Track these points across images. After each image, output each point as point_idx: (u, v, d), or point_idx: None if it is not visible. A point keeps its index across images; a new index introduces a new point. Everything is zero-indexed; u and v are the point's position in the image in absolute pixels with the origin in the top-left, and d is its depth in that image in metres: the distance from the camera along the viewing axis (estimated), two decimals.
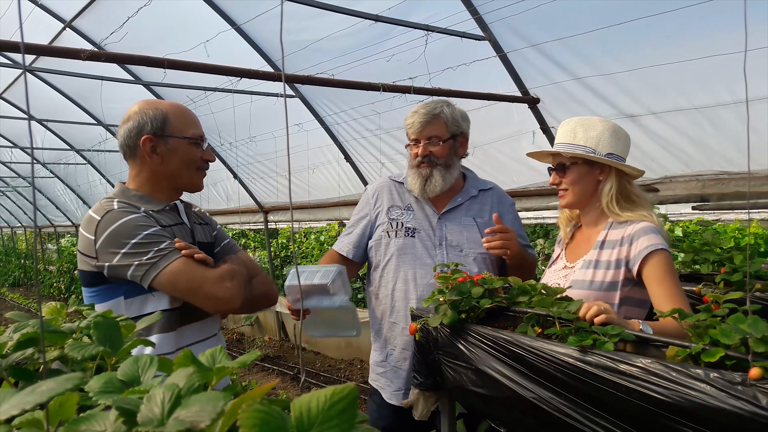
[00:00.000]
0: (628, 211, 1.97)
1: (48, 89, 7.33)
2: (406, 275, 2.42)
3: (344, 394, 0.53)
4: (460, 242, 2.43)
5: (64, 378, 0.52)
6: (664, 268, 1.82)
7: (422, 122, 2.41)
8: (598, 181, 2.02)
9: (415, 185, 2.45)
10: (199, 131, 1.90)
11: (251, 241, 11.95)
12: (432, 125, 2.42)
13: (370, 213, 2.57)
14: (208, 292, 1.70)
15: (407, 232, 2.46)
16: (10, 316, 1.03)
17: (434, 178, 2.42)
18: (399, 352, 2.44)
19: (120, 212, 1.73)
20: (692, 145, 3.63)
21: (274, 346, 8.09)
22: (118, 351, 0.81)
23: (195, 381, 0.54)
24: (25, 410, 0.46)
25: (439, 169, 2.42)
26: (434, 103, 2.46)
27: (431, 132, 2.42)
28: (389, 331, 2.47)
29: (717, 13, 2.97)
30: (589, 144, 1.99)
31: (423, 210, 2.50)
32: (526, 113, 4.25)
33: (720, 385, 1.12)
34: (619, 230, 1.95)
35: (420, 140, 2.43)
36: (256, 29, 4.84)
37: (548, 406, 1.42)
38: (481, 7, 3.74)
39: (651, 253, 1.82)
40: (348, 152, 5.87)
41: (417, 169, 2.45)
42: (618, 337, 1.38)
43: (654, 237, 1.85)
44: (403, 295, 2.42)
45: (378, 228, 2.53)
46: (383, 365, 2.51)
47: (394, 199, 2.56)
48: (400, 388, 2.42)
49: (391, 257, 2.46)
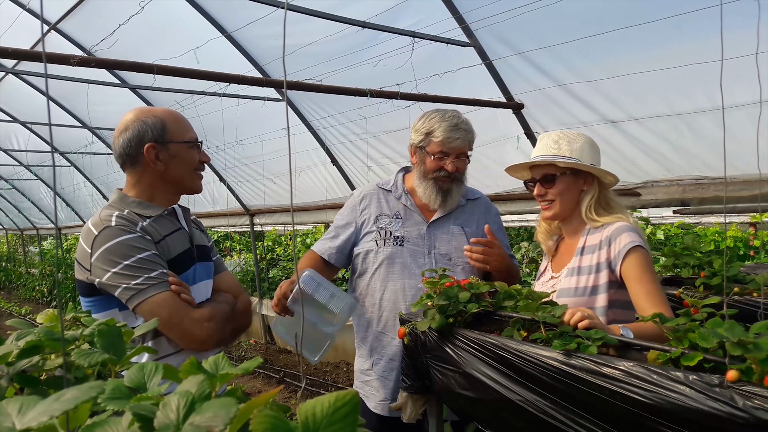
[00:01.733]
0: (605, 215, 2.05)
1: (32, 91, 7.29)
2: (395, 286, 2.41)
3: (347, 399, 0.57)
4: (449, 251, 2.42)
5: (87, 386, 0.55)
6: (642, 266, 1.87)
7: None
8: (582, 190, 2.10)
9: (433, 198, 2.41)
10: (195, 134, 1.94)
11: (236, 244, 11.93)
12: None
13: (356, 220, 2.54)
14: (187, 329, 1.73)
15: (396, 241, 2.44)
16: (11, 323, 1.05)
17: (453, 192, 2.41)
18: (386, 362, 2.43)
19: (117, 230, 1.74)
20: (673, 150, 3.71)
21: (260, 349, 8.08)
22: (121, 358, 0.84)
23: (206, 388, 0.57)
24: (53, 417, 0.49)
25: (457, 183, 2.42)
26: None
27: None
28: (376, 341, 2.46)
29: (696, 22, 3.04)
30: (574, 155, 2.05)
31: (412, 218, 2.48)
32: (511, 119, 4.31)
33: (699, 387, 1.16)
34: (597, 234, 2.01)
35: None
36: (244, 34, 4.86)
37: (534, 409, 1.46)
38: (466, 15, 3.80)
39: (629, 251, 1.88)
40: (335, 156, 5.90)
41: (435, 182, 2.40)
42: (601, 341, 1.42)
43: (631, 234, 1.92)
44: (392, 306, 2.41)
45: (365, 236, 2.50)
46: (368, 374, 2.50)
47: (382, 207, 2.53)
48: (387, 398, 2.41)
49: (379, 266, 2.44)
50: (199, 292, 1.91)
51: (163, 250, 1.82)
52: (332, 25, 3.99)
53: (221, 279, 2.08)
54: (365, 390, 2.50)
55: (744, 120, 3.15)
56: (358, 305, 2.02)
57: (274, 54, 4.96)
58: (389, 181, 2.61)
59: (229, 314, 1.89)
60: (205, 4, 4.69)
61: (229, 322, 1.89)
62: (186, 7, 4.65)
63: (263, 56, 5.08)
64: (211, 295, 1.98)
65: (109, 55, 4.85)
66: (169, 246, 1.85)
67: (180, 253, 1.89)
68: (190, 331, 1.73)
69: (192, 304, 1.78)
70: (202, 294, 1.93)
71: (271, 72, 5.21)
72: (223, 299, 1.95)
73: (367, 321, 2.49)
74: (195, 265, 1.93)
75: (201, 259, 1.98)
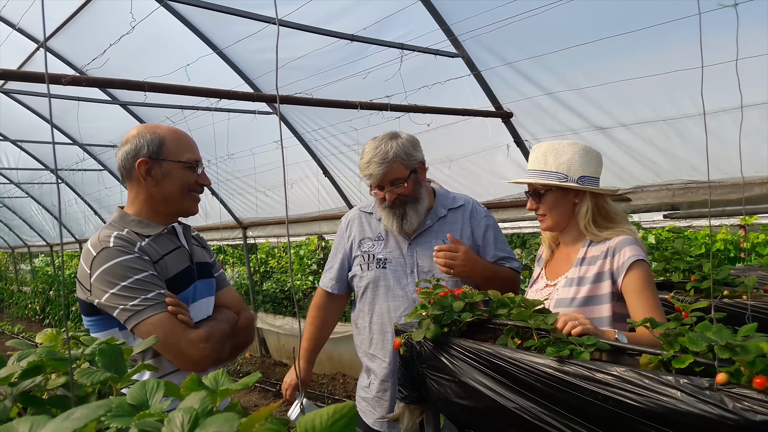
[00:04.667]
0: (606, 229, 2.02)
1: (22, 110, 7.28)
2: (381, 309, 2.46)
3: (344, 411, 0.59)
4: (431, 266, 2.42)
5: (95, 405, 0.57)
6: (643, 281, 1.87)
7: (381, 172, 2.34)
8: (574, 203, 2.06)
9: (392, 225, 2.44)
10: (195, 156, 1.93)
11: (229, 257, 11.90)
12: (392, 170, 2.35)
13: (345, 246, 2.61)
14: (183, 350, 1.74)
15: (378, 264, 2.48)
16: (11, 344, 1.07)
17: (409, 215, 2.41)
18: (379, 383, 2.48)
19: (115, 251, 1.75)
20: (661, 155, 3.75)
21: (255, 363, 8.06)
22: (123, 377, 0.86)
23: (208, 404, 0.59)
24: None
25: (410, 206, 2.41)
26: (383, 144, 2.37)
27: (392, 176, 2.36)
28: (369, 362, 2.53)
29: (678, 30, 3.08)
30: (560, 170, 2.02)
31: (394, 238, 2.51)
32: (500, 127, 4.35)
33: (689, 390, 1.18)
34: (599, 246, 2.00)
35: (384, 186, 2.39)
36: (234, 48, 4.88)
37: (529, 415, 1.48)
38: (453, 26, 3.84)
39: (632, 265, 1.88)
40: (326, 167, 5.93)
41: (390, 209, 2.43)
42: (594, 347, 1.44)
43: (635, 248, 1.91)
44: (380, 328, 2.47)
45: (354, 260, 2.57)
46: (367, 391, 2.55)
47: (364, 230, 2.58)
48: (384, 417, 2.46)
49: (365, 290, 2.50)
50: (200, 310, 1.92)
51: (161, 270, 1.83)
52: (321, 38, 4.02)
53: (224, 295, 2.09)
54: (362, 405, 2.55)
55: (729, 124, 3.20)
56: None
57: (264, 68, 4.99)
58: (370, 204, 2.63)
59: (228, 333, 1.90)
60: (195, 20, 4.71)
61: (228, 341, 1.89)
62: (175, 23, 4.67)
63: (253, 70, 5.10)
64: (213, 312, 1.99)
65: (100, 72, 4.86)
66: (167, 265, 1.86)
67: (179, 272, 1.89)
68: (185, 352, 1.74)
69: (189, 325, 1.78)
70: (203, 311, 1.94)
71: (261, 86, 5.23)
72: (223, 317, 1.95)
73: (361, 341, 2.58)
74: (195, 283, 1.94)
75: (202, 276, 1.99)
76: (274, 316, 7.81)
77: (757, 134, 3.19)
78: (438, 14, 3.82)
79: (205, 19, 4.67)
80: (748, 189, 3.26)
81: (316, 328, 2.66)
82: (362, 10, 4.01)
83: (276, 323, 7.69)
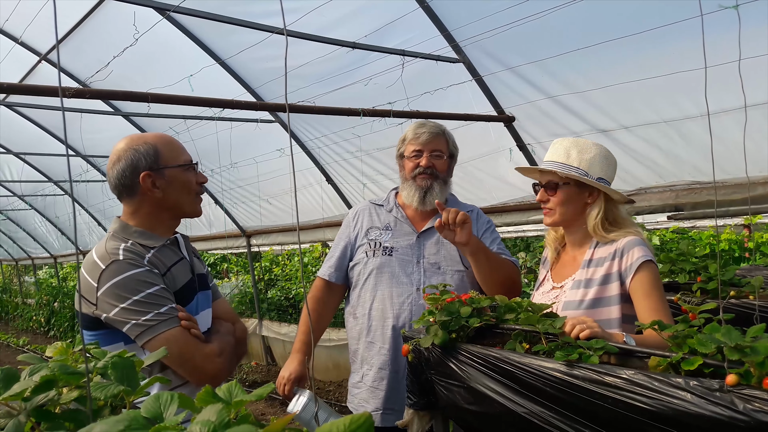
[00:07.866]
0: (614, 232, 2.01)
1: (25, 122, 7.30)
2: (383, 294, 2.46)
3: (361, 422, 0.59)
4: (438, 260, 2.47)
5: (114, 420, 0.57)
6: (651, 282, 1.87)
7: (431, 134, 2.52)
8: (586, 203, 2.06)
9: (413, 198, 2.50)
10: (188, 156, 1.92)
11: (233, 266, 11.90)
12: (439, 140, 2.54)
13: (350, 235, 2.63)
14: (198, 365, 1.73)
15: (385, 251, 2.50)
16: (22, 359, 1.07)
17: (434, 189, 2.49)
18: (375, 371, 2.46)
19: (125, 264, 1.72)
20: (664, 157, 3.75)
21: (261, 371, 8.05)
22: (136, 389, 0.86)
23: (225, 416, 0.59)
24: None
25: (439, 182, 2.51)
26: (437, 124, 2.60)
27: (437, 146, 2.53)
28: (366, 351, 2.51)
29: (680, 32, 3.09)
30: (582, 166, 2.01)
31: (402, 229, 2.56)
32: (503, 131, 4.35)
33: (699, 392, 1.18)
34: (606, 247, 1.99)
35: (424, 152, 2.51)
36: (236, 58, 4.90)
37: (539, 420, 1.48)
38: (454, 32, 3.85)
39: (641, 266, 1.88)
40: (330, 174, 5.94)
41: (414, 181, 2.52)
42: (602, 351, 1.44)
43: (643, 249, 1.91)
44: (380, 314, 2.46)
45: (358, 249, 2.59)
46: (359, 386, 2.53)
47: (373, 220, 2.62)
48: (378, 408, 2.43)
49: (369, 276, 2.51)
50: (202, 322, 1.90)
51: (169, 282, 1.80)
52: (323, 47, 4.04)
53: (218, 306, 2.07)
54: (354, 403, 2.54)
55: (731, 124, 3.19)
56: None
57: (266, 76, 5.00)
58: (382, 197, 2.73)
59: (234, 346, 1.90)
60: (197, 31, 4.73)
61: (235, 354, 1.89)
62: (177, 34, 4.69)
63: (256, 78, 5.12)
64: (211, 324, 1.98)
65: (103, 84, 4.89)
66: (174, 277, 1.84)
67: (185, 284, 1.88)
68: (201, 367, 1.72)
69: (201, 339, 1.78)
70: (204, 323, 1.92)
71: (264, 94, 5.25)
72: (225, 330, 1.94)
73: (357, 332, 2.55)
74: (197, 295, 1.93)
75: (201, 287, 1.98)
76: (279, 324, 7.81)
77: (759, 134, 3.19)
78: (439, 20, 3.83)
79: (207, 29, 4.68)
80: (752, 189, 3.25)
81: (314, 321, 2.64)
82: (363, 18, 4.02)
83: (281, 331, 7.69)
